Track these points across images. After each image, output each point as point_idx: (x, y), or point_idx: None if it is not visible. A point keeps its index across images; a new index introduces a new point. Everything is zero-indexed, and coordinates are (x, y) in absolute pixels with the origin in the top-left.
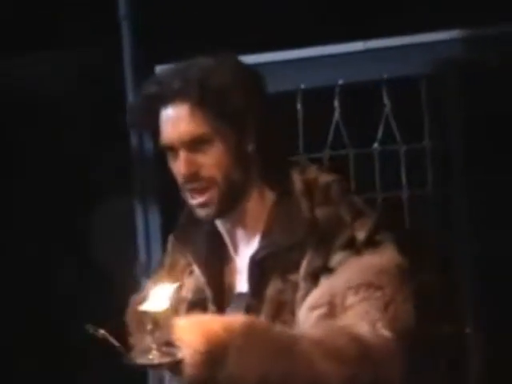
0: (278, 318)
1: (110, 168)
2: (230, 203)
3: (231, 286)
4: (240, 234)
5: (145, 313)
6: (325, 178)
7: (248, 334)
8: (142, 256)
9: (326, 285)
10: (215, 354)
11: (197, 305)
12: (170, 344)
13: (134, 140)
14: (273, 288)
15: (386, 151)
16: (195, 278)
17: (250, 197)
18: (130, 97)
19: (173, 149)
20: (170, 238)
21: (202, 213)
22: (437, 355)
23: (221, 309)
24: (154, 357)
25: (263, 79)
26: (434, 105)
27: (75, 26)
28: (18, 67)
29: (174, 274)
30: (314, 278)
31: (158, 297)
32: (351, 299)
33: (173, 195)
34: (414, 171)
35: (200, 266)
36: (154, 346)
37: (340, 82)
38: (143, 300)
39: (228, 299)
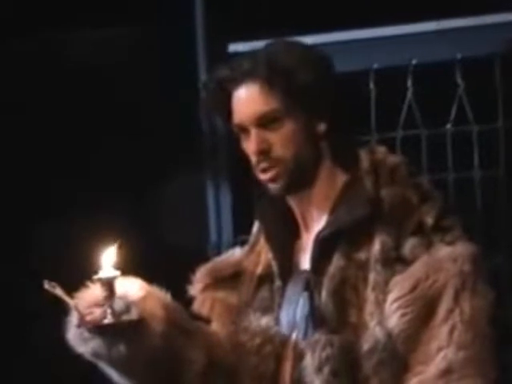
0: (339, 293)
1: (182, 148)
2: (298, 180)
3: (297, 263)
4: (310, 212)
5: (99, 280)
6: (392, 159)
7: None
8: (213, 236)
9: (408, 283)
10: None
11: (266, 279)
12: (125, 309)
13: (205, 119)
14: (335, 265)
15: (459, 131)
16: (267, 253)
17: (321, 177)
18: (203, 76)
19: (245, 129)
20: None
21: (272, 187)
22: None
23: (286, 284)
24: (109, 321)
25: (331, 60)
26: (508, 85)
27: (145, 3)
28: (89, 43)
29: (251, 255)
30: (388, 264)
31: (109, 266)
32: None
33: (243, 175)
34: (487, 152)
35: (269, 242)
36: (109, 310)
37: (413, 61)
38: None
39: (292, 275)
